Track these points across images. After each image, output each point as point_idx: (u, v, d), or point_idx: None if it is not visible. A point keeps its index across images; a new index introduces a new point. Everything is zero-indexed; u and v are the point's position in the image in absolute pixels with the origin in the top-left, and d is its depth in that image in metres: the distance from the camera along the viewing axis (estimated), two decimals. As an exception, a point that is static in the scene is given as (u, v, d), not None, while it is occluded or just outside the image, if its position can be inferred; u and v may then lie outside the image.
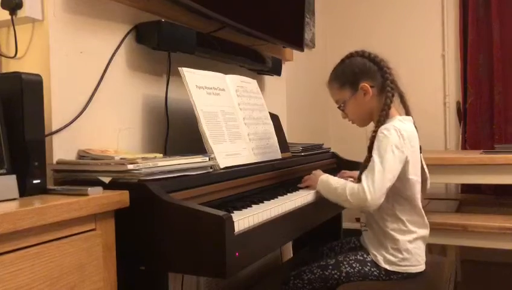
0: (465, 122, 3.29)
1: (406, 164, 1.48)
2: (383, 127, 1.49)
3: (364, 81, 1.57)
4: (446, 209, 2.87)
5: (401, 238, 1.51)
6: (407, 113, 1.60)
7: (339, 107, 1.65)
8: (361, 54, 1.61)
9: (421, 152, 1.60)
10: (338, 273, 1.52)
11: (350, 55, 1.64)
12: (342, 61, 1.65)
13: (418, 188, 1.55)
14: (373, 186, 1.41)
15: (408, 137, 1.48)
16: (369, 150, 1.54)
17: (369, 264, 1.53)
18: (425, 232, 1.57)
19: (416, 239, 1.54)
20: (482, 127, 3.25)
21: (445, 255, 2.79)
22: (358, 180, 1.57)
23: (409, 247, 1.51)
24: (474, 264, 3.08)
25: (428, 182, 1.64)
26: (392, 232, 1.52)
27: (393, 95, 1.55)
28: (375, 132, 1.53)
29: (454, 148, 3.37)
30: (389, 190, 1.45)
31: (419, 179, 1.55)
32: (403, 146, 1.45)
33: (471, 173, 2.49)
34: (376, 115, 1.57)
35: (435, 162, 2.45)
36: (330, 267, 1.54)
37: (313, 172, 1.71)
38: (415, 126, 1.58)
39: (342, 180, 1.54)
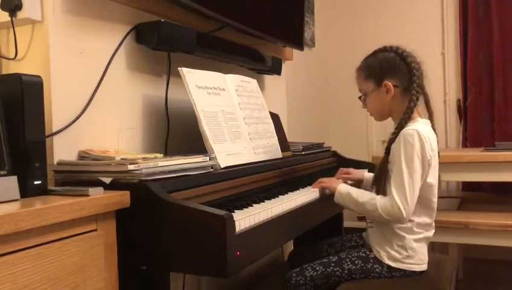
0: (466, 120, 3.29)
1: (428, 166, 1.48)
2: (406, 132, 1.47)
3: (389, 79, 1.55)
4: (447, 207, 2.86)
5: (408, 236, 1.51)
6: (431, 117, 1.58)
7: (359, 97, 1.64)
8: (395, 51, 1.57)
9: (438, 156, 1.58)
10: (340, 270, 1.52)
11: (384, 49, 1.60)
12: (375, 52, 1.61)
13: (434, 191, 1.53)
14: (406, 202, 1.43)
15: (430, 140, 1.48)
16: (387, 151, 1.53)
17: (371, 261, 1.54)
18: (431, 233, 1.57)
19: (421, 239, 1.54)
20: (482, 124, 3.24)
21: (446, 253, 2.79)
22: (374, 183, 1.57)
23: (414, 245, 1.51)
24: (475, 262, 3.08)
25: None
26: (399, 231, 1.51)
27: (417, 99, 1.52)
28: (394, 133, 1.52)
29: (455, 146, 3.37)
30: None
31: (437, 183, 1.55)
32: (427, 150, 1.46)
33: (472, 170, 2.49)
34: (397, 116, 1.56)
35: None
36: (332, 264, 1.54)
37: (330, 179, 1.73)
38: (435, 131, 1.56)
39: (365, 194, 1.54)
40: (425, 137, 1.46)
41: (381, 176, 1.53)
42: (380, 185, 1.53)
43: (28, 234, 0.91)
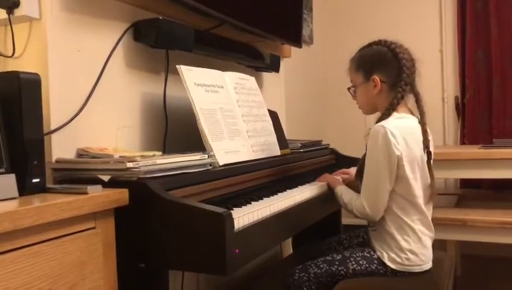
0: (464, 117, 3.29)
1: (399, 161, 1.45)
2: (373, 129, 1.47)
3: (378, 74, 1.55)
4: (445, 204, 2.87)
5: (403, 238, 1.50)
6: (422, 116, 1.55)
7: (349, 88, 1.66)
8: (388, 46, 1.57)
9: (431, 158, 1.55)
10: (345, 270, 1.51)
11: (378, 42, 1.61)
12: (369, 45, 1.63)
13: (415, 186, 1.49)
14: (369, 201, 1.50)
15: (401, 134, 1.45)
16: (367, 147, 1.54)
17: (375, 262, 1.52)
18: (430, 232, 1.54)
19: (420, 240, 1.51)
20: (480, 121, 3.25)
21: (444, 250, 2.79)
22: (356, 179, 1.59)
23: (413, 247, 1.49)
24: (473, 258, 3.08)
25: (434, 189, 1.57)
26: (394, 232, 1.50)
27: (402, 97, 1.52)
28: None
29: (453, 144, 3.37)
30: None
31: (417, 176, 1.50)
32: (393, 146, 1.43)
33: (470, 167, 2.50)
34: (380, 112, 1.56)
35: (434, 158, 2.45)
36: (337, 263, 1.53)
37: (333, 177, 1.80)
38: (424, 128, 1.53)
39: (350, 195, 1.60)
40: (393, 132, 1.44)
41: (361, 173, 1.55)
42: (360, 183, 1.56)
43: (26, 232, 0.91)
